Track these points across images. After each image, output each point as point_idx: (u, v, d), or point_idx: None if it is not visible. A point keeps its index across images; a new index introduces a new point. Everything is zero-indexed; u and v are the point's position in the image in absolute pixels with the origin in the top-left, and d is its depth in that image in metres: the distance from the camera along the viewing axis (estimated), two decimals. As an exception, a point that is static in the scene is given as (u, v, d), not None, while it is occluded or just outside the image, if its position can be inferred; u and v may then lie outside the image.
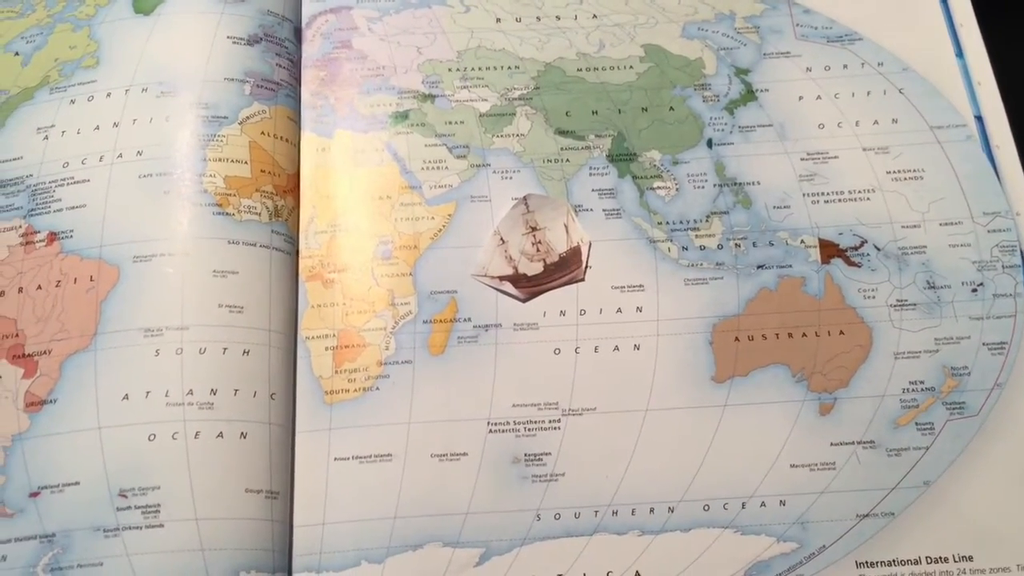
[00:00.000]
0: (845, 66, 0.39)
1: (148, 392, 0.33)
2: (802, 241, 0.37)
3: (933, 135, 0.38)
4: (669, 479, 0.35)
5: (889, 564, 0.32)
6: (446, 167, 0.37)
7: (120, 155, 0.36)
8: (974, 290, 0.35)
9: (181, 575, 0.31)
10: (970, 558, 0.32)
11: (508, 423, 0.35)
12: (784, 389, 0.36)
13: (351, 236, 0.36)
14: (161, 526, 0.32)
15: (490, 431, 0.35)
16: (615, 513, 0.34)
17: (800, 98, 0.39)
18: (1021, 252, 0.36)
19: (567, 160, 0.38)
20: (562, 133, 0.38)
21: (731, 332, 0.36)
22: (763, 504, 0.34)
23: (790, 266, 0.37)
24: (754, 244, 0.37)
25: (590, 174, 0.38)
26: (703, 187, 0.38)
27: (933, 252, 0.36)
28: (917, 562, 0.32)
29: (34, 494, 0.32)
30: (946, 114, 0.38)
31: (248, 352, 0.33)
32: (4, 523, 0.32)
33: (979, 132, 0.38)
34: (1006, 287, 0.35)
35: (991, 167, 0.37)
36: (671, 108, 0.38)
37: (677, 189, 0.37)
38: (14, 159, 0.37)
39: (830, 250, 0.38)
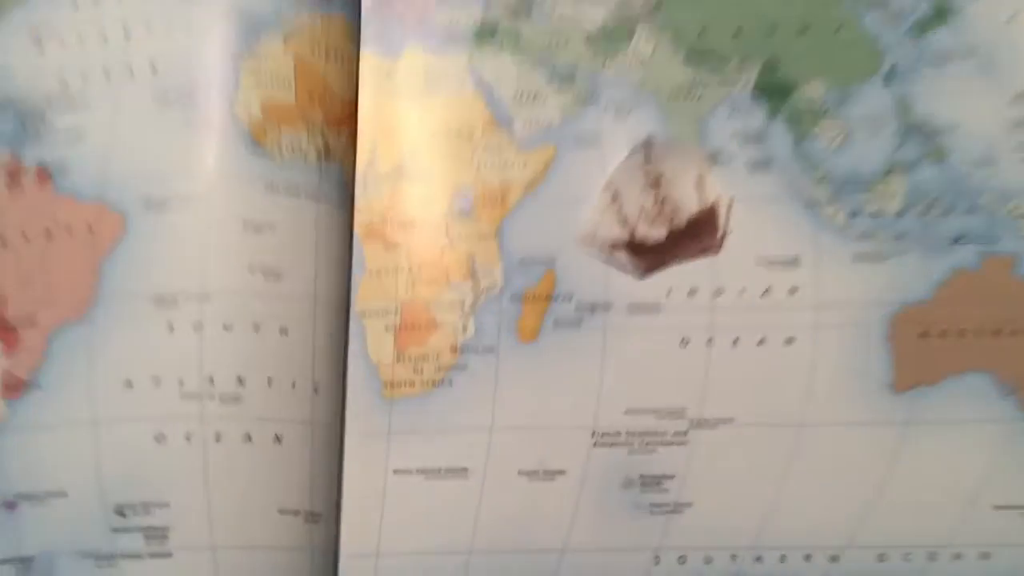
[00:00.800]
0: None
1: (157, 379, 0.27)
2: (1013, 207, 0.29)
3: None
4: (831, 517, 0.28)
5: None
6: (544, 100, 0.31)
7: (130, 72, 0.28)
8: None
9: None
10: None
11: (619, 434, 0.29)
12: (986, 404, 0.29)
13: (421, 184, 0.30)
14: (169, 555, 0.26)
15: (595, 444, 0.29)
16: (759, 559, 0.27)
17: (1010, 18, 0.30)
18: None
19: (701, 94, 0.30)
20: (695, 58, 0.29)
21: (916, 325, 0.29)
22: (959, 556, 0.28)
23: (996, 241, 0.30)
24: (948, 211, 0.30)
25: (731, 113, 0.31)
26: (880, 133, 0.31)
27: None
28: None
29: (9, 504, 0.26)
30: None
31: (286, 331, 0.27)
32: None
33: None
34: None
35: None
36: (839, 28, 0.30)
37: (846, 135, 0.30)
38: (1, 73, 0.28)
39: None
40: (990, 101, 0.30)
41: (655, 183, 0.29)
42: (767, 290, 0.29)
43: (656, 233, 0.29)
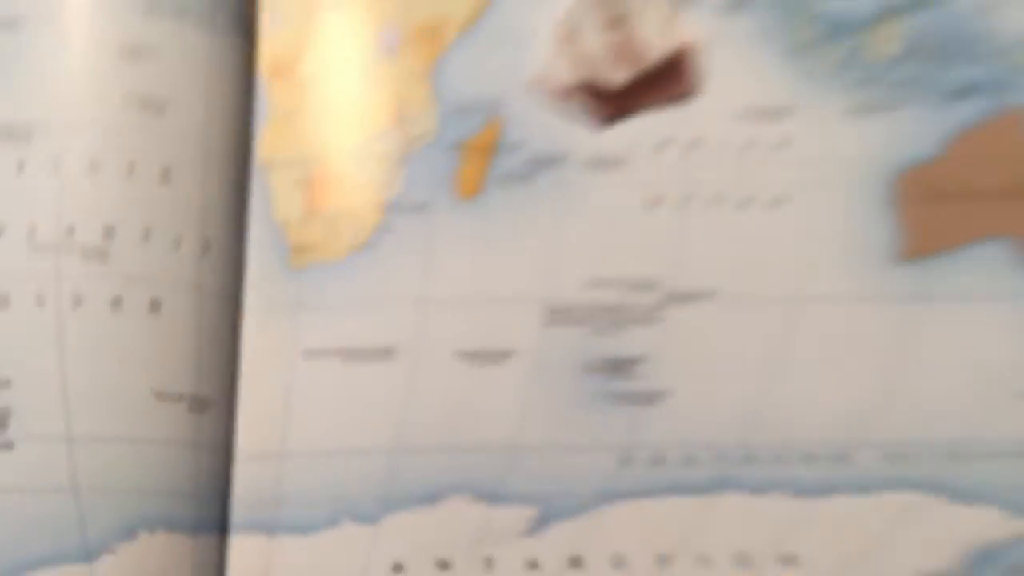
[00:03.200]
0: None
1: (1, 227, 0.22)
2: (1033, 56, 0.25)
3: None
4: (833, 410, 0.25)
5: None
6: None
7: None
8: None
9: (38, 534, 0.21)
10: None
11: (579, 310, 0.26)
12: (1006, 276, 0.26)
13: (337, 15, 0.27)
14: (10, 446, 0.22)
15: (550, 321, 0.26)
16: (750, 459, 0.25)
17: None
18: None
19: None
20: None
21: (922, 186, 0.27)
22: (986, 455, 0.24)
23: (1010, 90, 0.27)
24: (953, 57, 0.28)
25: None
26: None
27: None
28: None
29: None
30: None
31: (168, 175, 0.24)
32: None
33: None
34: None
35: None
36: None
37: None
38: None
39: None
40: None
41: (617, 20, 0.27)
42: (750, 143, 0.27)
43: (619, 76, 0.27)
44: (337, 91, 0.26)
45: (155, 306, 0.23)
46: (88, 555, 0.21)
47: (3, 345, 0.22)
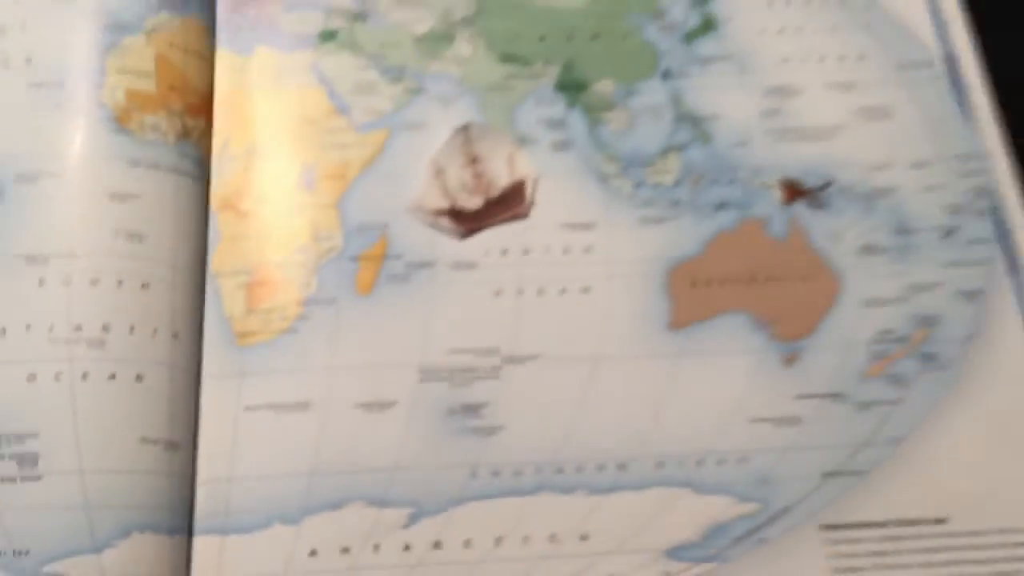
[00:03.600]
0: None
1: (28, 326, 0.32)
2: (763, 181, 0.37)
3: (901, 73, 0.37)
4: (620, 434, 0.35)
5: (857, 527, 0.31)
6: (378, 92, 0.37)
7: (7, 63, 0.33)
8: (946, 235, 0.34)
9: (61, 535, 0.29)
10: (944, 520, 0.31)
11: (442, 370, 0.35)
12: (745, 337, 0.36)
13: (270, 163, 0.35)
14: (38, 478, 0.31)
15: (422, 379, 0.35)
16: (560, 471, 0.33)
17: (762, 30, 0.39)
18: (993, 196, 0.34)
19: (512, 88, 0.37)
20: (507, 59, 0.37)
21: (688, 275, 0.36)
22: (722, 461, 0.34)
23: (751, 206, 0.37)
24: (713, 182, 0.37)
25: (537, 103, 0.38)
26: (659, 121, 0.39)
27: (902, 195, 0.37)
28: (886, 525, 0.31)
29: None
30: (914, 51, 0.38)
31: (147, 286, 0.32)
32: None
33: (947, 72, 0.36)
34: (980, 231, 0.34)
35: (960, 108, 0.36)
36: (625, 36, 0.38)
37: (631, 122, 0.37)
38: None
39: (793, 190, 0.38)
40: (745, 95, 0.38)
41: (473, 161, 0.36)
42: (567, 249, 0.36)
43: (474, 202, 0.36)
44: (269, 218, 0.36)
45: (140, 378, 0.33)
46: (96, 549, 0.31)
47: (32, 408, 0.32)
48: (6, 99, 0.35)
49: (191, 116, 0.36)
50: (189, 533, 0.32)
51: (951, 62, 0.40)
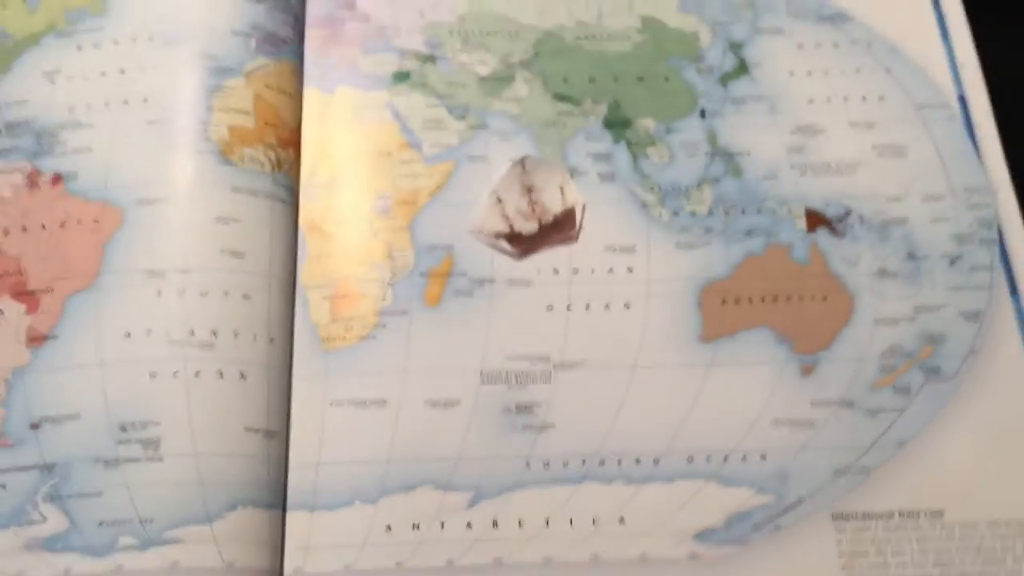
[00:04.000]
0: (835, 44, 0.43)
1: (150, 331, 0.38)
2: (789, 210, 0.42)
3: (918, 113, 0.42)
4: (655, 432, 0.41)
5: (863, 517, 0.36)
6: (445, 127, 0.43)
7: (126, 101, 0.39)
8: (952, 262, 0.39)
9: (179, 507, 0.35)
10: (940, 513, 0.36)
11: (501, 374, 0.41)
12: (768, 350, 0.41)
13: (350, 190, 0.41)
14: (161, 459, 0.37)
15: (483, 381, 0.41)
16: (602, 463, 0.39)
17: (791, 73, 0.43)
18: (998, 227, 0.39)
19: (564, 125, 0.43)
20: (560, 98, 0.42)
21: (718, 294, 0.42)
22: (744, 458, 0.39)
23: (777, 234, 0.43)
24: (743, 212, 0.42)
25: (586, 139, 0.44)
26: (695, 155, 0.44)
27: (914, 224, 0.41)
28: (890, 516, 0.36)
29: (35, 425, 0.36)
30: (931, 94, 0.43)
31: (248, 297, 0.37)
32: (4, 453, 0.35)
33: (961, 112, 0.42)
34: (983, 259, 0.40)
35: (972, 145, 0.41)
36: (666, 78, 0.43)
37: (670, 156, 0.42)
38: (20, 102, 0.41)
39: (816, 219, 0.43)
40: (774, 133, 0.44)
41: (529, 190, 0.41)
42: (611, 269, 0.42)
43: (529, 227, 0.41)
44: (350, 238, 0.42)
45: (243, 376, 0.39)
46: (208, 519, 0.37)
47: (154, 401, 0.39)
48: (127, 134, 0.41)
49: (283, 148, 0.42)
50: (283, 508, 0.38)
51: (964, 104, 0.45)
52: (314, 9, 0.47)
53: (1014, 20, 0.50)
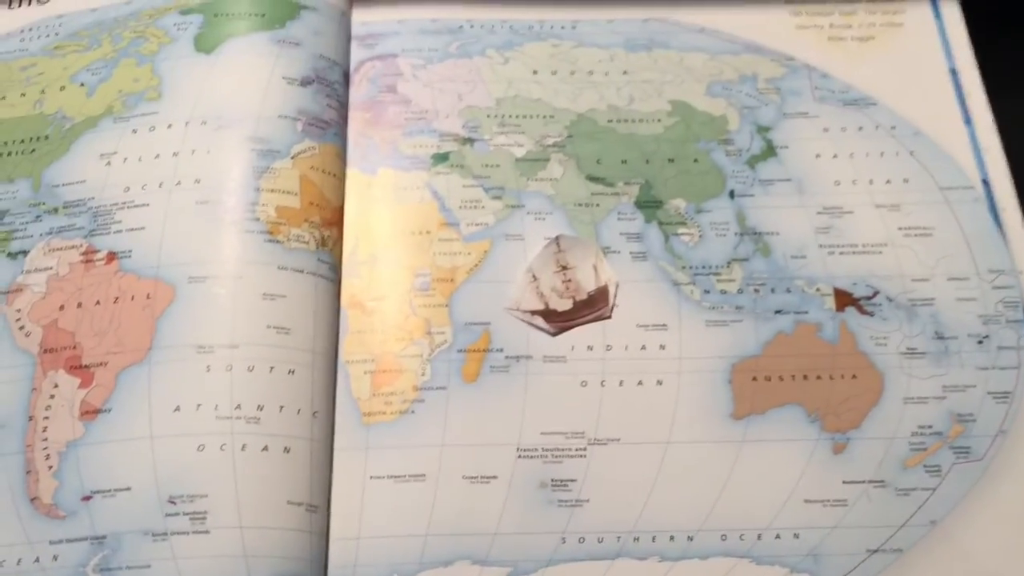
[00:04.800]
0: (860, 128, 0.45)
1: (199, 405, 0.39)
2: (818, 289, 0.44)
3: (942, 195, 0.44)
4: (688, 509, 0.42)
5: None
6: (482, 207, 0.44)
7: (179, 182, 0.41)
8: (980, 342, 0.40)
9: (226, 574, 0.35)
10: None
11: (536, 449, 0.42)
12: (799, 428, 0.42)
13: (391, 268, 0.43)
14: (207, 532, 0.38)
15: (519, 456, 0.42)
16: (636, 539, 0.40)
17: (817, 156, 0.45)
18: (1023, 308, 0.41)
19: (597, 205, 0.44)
20: (593, 179, 0.44)
21: (749, 372, 0.42)
22: (778, 536, 0.40)
23: (806, 312, 0.43)
24: (772, 290, 0.43)
25: (618, 218, 0.45)
26: (725, 235, 0.44)
27: (941, 305, 0.42)
28: None
29: (86, 498, 0.37)
30: (955, 176, 0.44)
31: (293, 372, 0.39)
32: (57, 524, 0.37)
33: (985, 194, 0.44)
34: (1010, 340, 0.41)
35: (996, 227, 0.43)
36: (696, 160, 0.45)
37: (700, 236, 0.44)
38: (78, 182, 0.43)
39: (844, 299, 0.44)
40: (802, 214, 0.45)
41: (563, 268, 0.43)
42: (643, 346, 0.44)
43: (564, 304, 0.43)
44: (390, 314, 0.44)
45: (287, 450, 0.41)
46: None
47: (201, 474, 0.40)
48: (179, 214, 0.44)
49: (327, 227, 0.44)
50: (325, 582, 0.40)
51: (988, 186, 0.47)
52: (357, 93, 0.50)
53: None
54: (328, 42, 0.50)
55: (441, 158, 0.48)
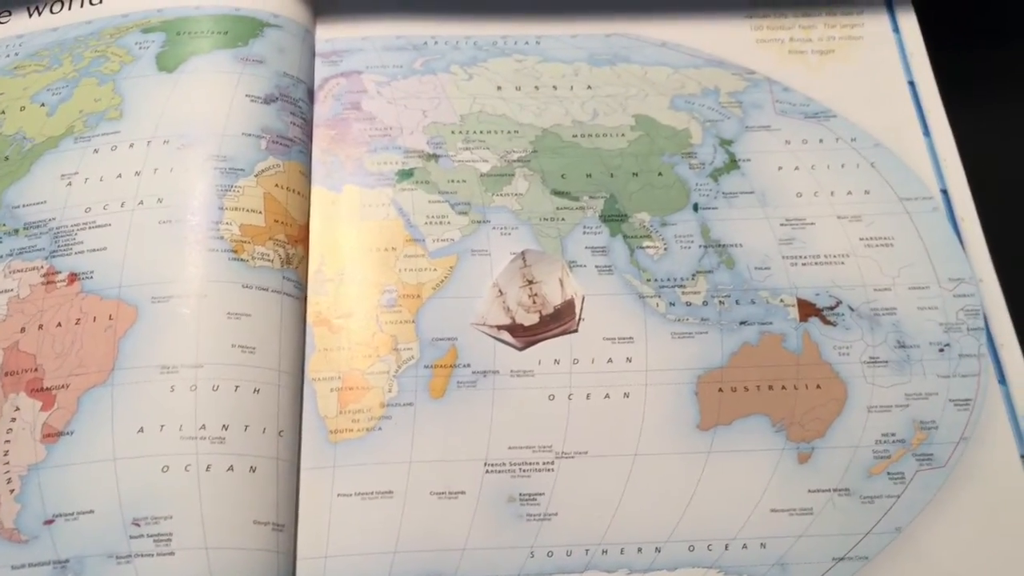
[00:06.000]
0: (821, 140, 0.46)
1: (163, 426, 0.39)
2: (782, 300, 0.44)
3: (902, 206, 0.44)
4: (656, 520, 0.42)
5: None
6: (448, 222, 0.44)
7: (141, 202, 0.41)
8: (941, 350, 0.41)
9: None
10: None
11: (504, 464, 0.42)
12: (765, 438, 0.43)
13: (357, 285, 0.43)
14: (172, 554, 0.39)
15: (487, 471, 0.42)
16: (605, 552, 0.40)
17: (780, 168, 0.45)
18: (984, 316, 0.41)
19: (562, 219, 0.44)
20: (558, 194, 0.44)
21: (715, 383, 0.43)
22: (745, 546, 0.40)
23: (770, 323, 0.43)
24: (737, 302, 0.43)
25: (583, 232, 0.45)
26: (689, 248, 0.45)
27: (903, 314, 0.42)
28: None
29: (48, 522, 0.37)
30: (914, 187, 0.45)
31: (259, 391, 0.39)
32: (19, 548, 0.37)
33: (944, 204, 0.45)
34: (970, 348, 0.41)
35: (956, 236, 0.43)
36: (660, 174, 0.45)
37: (665, 249, 0.44)
38: (38, 203, 0.42)
39: (807, 309, 0.44)
40: (765, 225, 0.46)
41: (529, 282, 0.43)
42: (610, 359, 0.44)
43: (530, 318, 0.44)
44: (356, 331, 0.44)
45: (253, 470, 0.41)
46: None
47: (166, 495, 0.40)
48: (142, 234, 0.44)
49: (292, 245, 0.44)
50: (292, 603, 0.40)
51: (947, 196, 0.48)
52: (322, 110, 0.50)
53: (992, 102, 0.53)
54: (292, 59, 0.50)
55: (406, 174, 0.48)
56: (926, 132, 0.51)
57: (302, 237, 0.46)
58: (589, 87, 0.51)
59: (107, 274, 0.44)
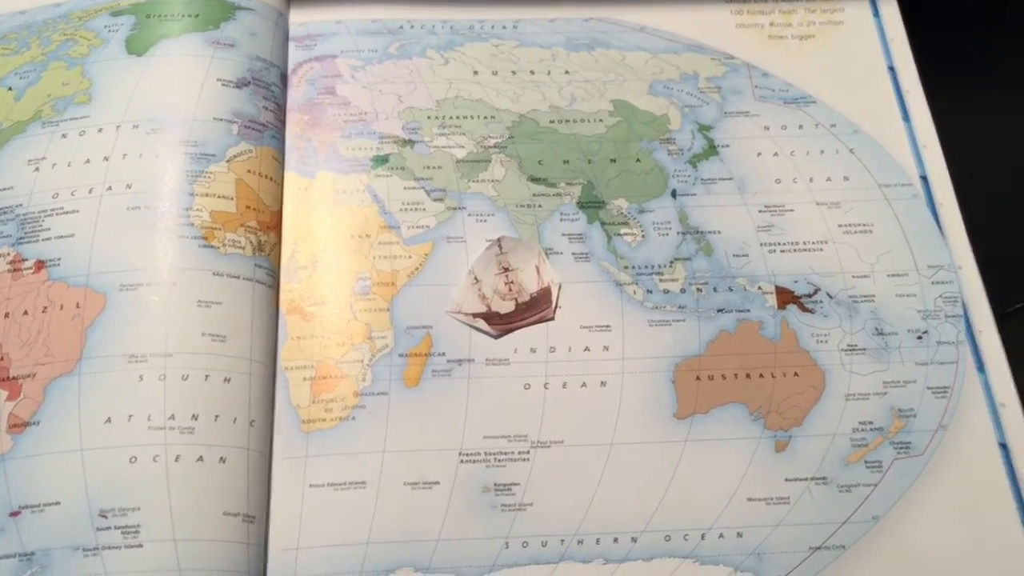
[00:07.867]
0: (800, 126, 0.45)
1: (131, 416, 0.38)
2: (759, 287, 0.43)
3: (881, 192, 0.44)
4: (632, 510, 0.41)
5: None
6: (423, 209, 0.43)
7: (109, 188, 0.40)
8: (919, 337, 0.40)
9: None
10: None
11: (479, 454, 0.41)
12: (742, 427, 0.42)
13: (331, 272, 0.42)
14: (140, 546, 0.38)
15: (462, 461, 0.41)
16: (580, 542, 0.39)
17: (758, 154, 0.45)
18: (963, 303, 0.41)
19: (539, 206, 0.43)
20: (535, 180, 0.43)
21: (692, 371, 0.42)
22: (721, 536, 0.40)
23: (748, 311, 0.43)
24: (715, 289, 0.43)
25: (561, 219, 0.44)
26: (667, 234, 0.44)
27: (881, 301, 0.42)
28: None
29: (14, 513, 0.36)
30: (893, 173, 0.44)
31: (229, 380, 0.38)
32: None
33: (924, 191, 0.44)
34: (949, 335, 0.41)
35: (935, 223, 0.43)
36: (638, 160, 0.44)
37: (643, 236, 0.43)
38: (5, 189, 0.42)
39: (785, 296, 0.43)
40: (743, 212, 0.45)
41: (505, 270, 0.43)
42: (587, 348, 0.43)
43: (506, 306, 0.43)
44: (330, 319, 0.44)
45: (223, 460, 0.40)
46: None
47: (133, 486, 0.39)
48: (110, 220, 0.43)
49: (264, 232, 0.43)
50: (263, 594, 0.39)
51: (926, 182, 0.47)
52: (295, 95, 0.49)
53: (973, 89, 0.53)
54: (264, 43, 0.49)
55: (381, 160, 0.47)
56: (906, 118, 0.50)
57: (274, 224, 0.45)
58: (567, 72, 0.50)
59: (75, 261, 0.43)
